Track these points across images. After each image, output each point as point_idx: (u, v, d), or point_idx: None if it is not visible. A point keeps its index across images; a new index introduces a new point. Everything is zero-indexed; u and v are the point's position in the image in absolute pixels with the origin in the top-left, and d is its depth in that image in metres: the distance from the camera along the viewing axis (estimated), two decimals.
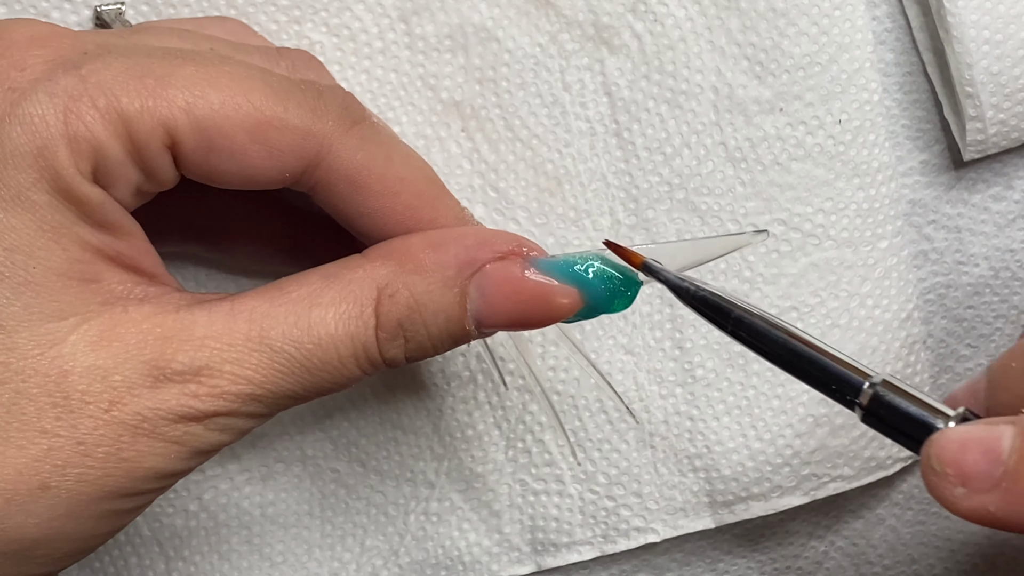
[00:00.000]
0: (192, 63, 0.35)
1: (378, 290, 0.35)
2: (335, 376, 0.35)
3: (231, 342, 0.34)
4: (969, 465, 0.31)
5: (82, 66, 0.34)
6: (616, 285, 0.36)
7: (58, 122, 0.33)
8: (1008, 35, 0.45)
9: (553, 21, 0.46)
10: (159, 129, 0.34)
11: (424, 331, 0.36)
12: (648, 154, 0.46)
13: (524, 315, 0.36)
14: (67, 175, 0.33)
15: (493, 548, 0.48)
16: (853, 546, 0.53)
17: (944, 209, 0.50)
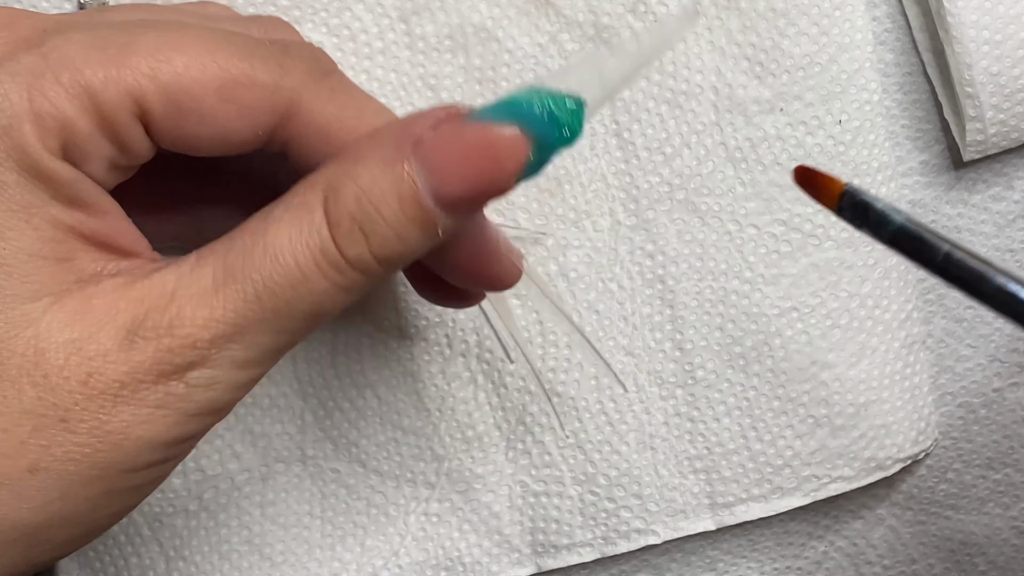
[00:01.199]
0: (154, 29, 0.34)
1: (323, 192, 0.34)
2: (305, 295, 0.34)
3: (199, 288, 0.33)
4: None
5: (43, 43, 0.33)
6: (554, 106, 0.33)
7: (22, 100, 0.32)
8: (1008, 35, 0.45)
9: (553, 21, 0.46)
10: (126, 98, 0.33)
11: (380, 220, 0.33)
12: (648, 154, 0.46)
13: (477, 173, 0.33)
14: (35, 153, 0.33)
15: (493, 549, 0.48)
16: (853, 546, 0.53)
17: (944, 209, 0.50)
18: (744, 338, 0.47)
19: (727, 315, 0.47)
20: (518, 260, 0.40)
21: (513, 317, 0.47)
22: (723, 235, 0.47)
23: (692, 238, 0.47)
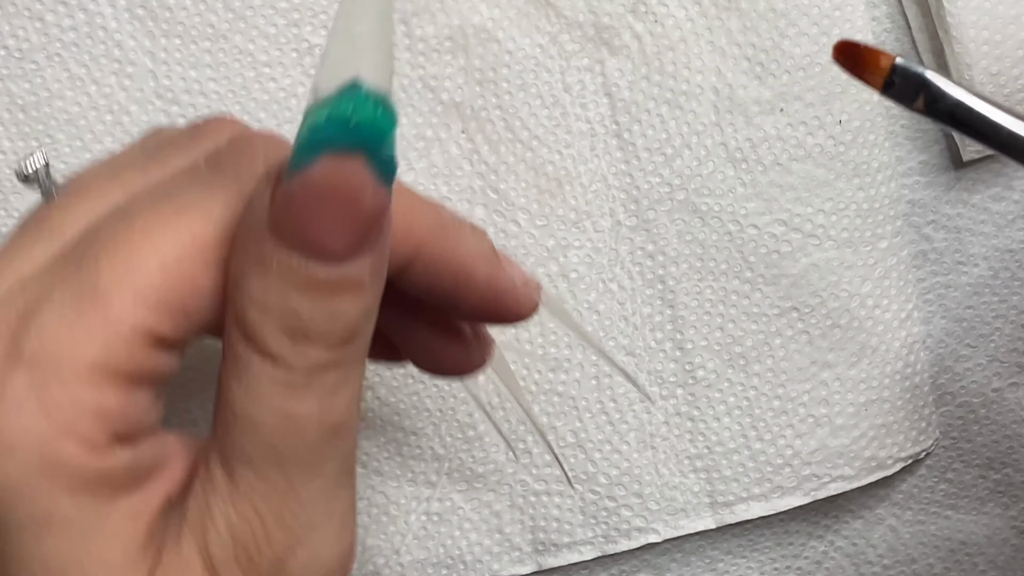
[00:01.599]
0: (112, 251, 0.31)
1: (244, 348, 0.31)
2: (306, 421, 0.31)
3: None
4: None
5: (21, 353, 0.31)
6: (345, 110, 0.29)
7: (42, 426, 0.30)
8: (1007, 36, 0.45)
9: (553, 22, 0.46)
10: (134, 344, 0.31)
11: (302, 318, 0.30)
12: (649, 155, 0.46)
13: (341, 216, 0.29)
14: (85, 467, 0.30)
15: (494, 548, 0.48)
16: (853, 546, 0.53)
17: (944, 209, 0.50)
18: (744, 338, 0.47)
19: (727, 315, 0.47)
20: (535, 291, 0.39)
21: (516, 379, 0.46)
22: (723, 235, 0.47)
23: (693, 238, 0.47)
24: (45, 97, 0.45)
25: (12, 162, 0.45)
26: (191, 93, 0.45)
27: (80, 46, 0.45)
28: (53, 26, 0.45)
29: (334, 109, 0.28)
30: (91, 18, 0.45)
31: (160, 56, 0.45)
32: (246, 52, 0.45)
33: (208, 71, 0.45)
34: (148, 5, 0.45)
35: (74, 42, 0.45)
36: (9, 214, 0.46)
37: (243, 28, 0.45)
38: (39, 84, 0.45)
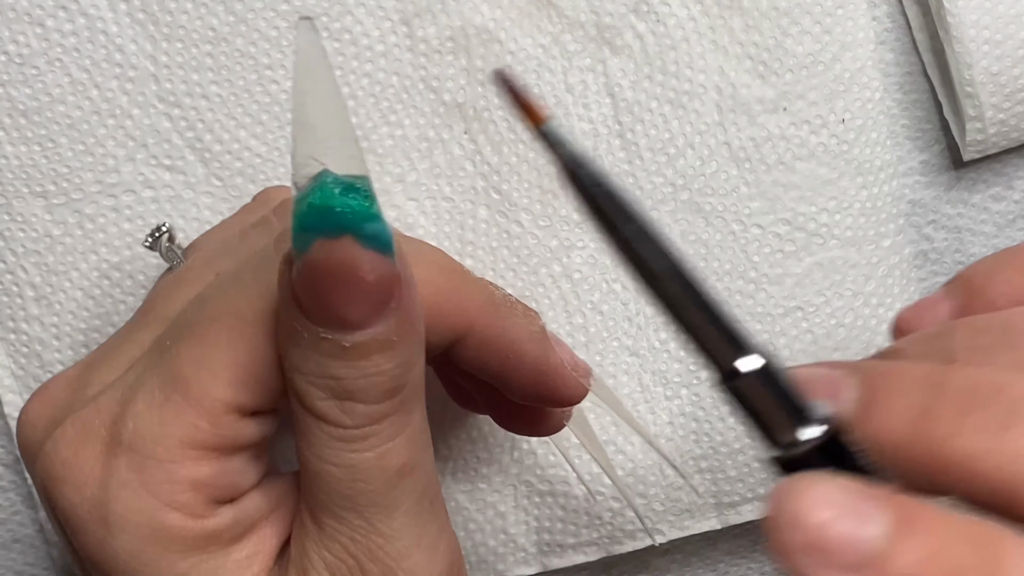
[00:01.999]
0: (188, 337, 0.34)
1: (299, 407, 0.34)
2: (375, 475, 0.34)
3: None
4: (825, 543, 0.27)
5: (121, 439, 0.34)
6: (324, 202, 0.31)
7: (148, 503, 0.34)
8: (1008, 35, 0.45)
9: (555, 22, 0.46)
10: (221, 418, 0.34)
11: (340, 381, 0.33)
12: (652, 155, 0.46)
13: (347, 295, 0.31)
14: (190, 532, 0.34)
15: (499, 548, 0.48)
16: None
17: (944, 209, 0.50)
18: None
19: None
20: (584, 376, 0.40)
21: (597, 439, 0.47)
22: (727, 235, 0.47)
23: (696, 238, 0.47)
24: (46, 102, 0.45)
25: (16, 168, 0.45)
26: (193, 96, 0.45)
27: (81, 51, 0.45)
28: (54, 31, 0.45)
29: (312, 200, 0.31)
30: (92, 23, 0.45)
31: (161, 60, 0.45)
32: (247, 55, 0.45)
33: (210, 74, 0.45)
34: (149, 9, 0.45)
35: (75, 47, 0.45)
36: (12, 218, 0.46)
37: (244, 31, 0.45)
38: (40, 89, 0.45)
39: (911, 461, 0.30)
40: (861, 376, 0.31)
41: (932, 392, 0.30)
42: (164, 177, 0.46)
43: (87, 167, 0.46)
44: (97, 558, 0.35)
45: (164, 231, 0.43)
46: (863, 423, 0.31)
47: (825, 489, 0.27)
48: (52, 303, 0.46)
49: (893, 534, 0.27)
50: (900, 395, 0.31)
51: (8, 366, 0.47)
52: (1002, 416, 0.29)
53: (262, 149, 0.46)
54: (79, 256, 0.46)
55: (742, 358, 0.29)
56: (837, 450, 0.30)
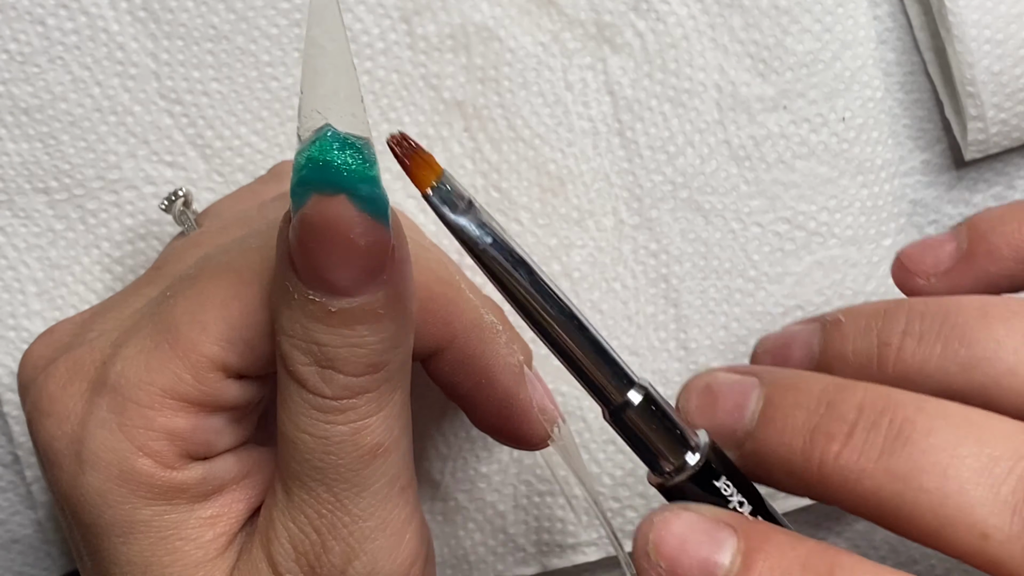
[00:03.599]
0: (186, 292, 0.35)
1: (281, 366, 0.34)
2: (341, 452, 0.34)
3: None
4: (683, 570, 0.31)
5: (107, 379, 0.35)
6: (323, 156, 0.31)
7: (122, 443, 0.34)
8: (1009, 34, 0.45)
9: (555, 20, 0.46)
10: (205, 374, 0.34)
11: (323, 347, 0.33)
12: (651, 153, 0.46)
13: (337, 250, 0.31)
14: (157, 480, 0.34)
15: (498, 548, 0.48)
16: (854, 547, 0.53)
17: (945, 209, 0.50)
18: (749, 337, 0.47)
19: (731, 314, 0.47)
20: (550, 423, 0.40)
21: (581, 460, 0.46)
22: (727, 233, 0.47)
23: (696, 237, 0.47)
24: (48, 100, 0.45)
25: (18, 164, 0.46)
26: (194, 93, 0.46)
27: (82, 49, 0.45)
28: (55, 29, 0.45)
29: (311, 153, 0.31)
30: (93, 21, 0.45)
31: (163, 57, 0.45)
32: (248, 52, 0.45)
33: (211, 71, 0.46)
34: (150, 7, 0.45)
35: (76, 45, 0.45)
36: (15, 214, 0.46)
37: (245, 29, 0.45)
38: (42, 87, 0.45)
39: (800, 476, 0.33)
40: (765, 389, 0.33)
41: (825, 410, 0.32)
42: (165, 173, 0.46)
43: (89, 163, 0.46)
44: (67, 492, 0.35)
45: (181, 195, 0.43)
46: (761, 436, 0.33)
47: (683, 519, 0.31)
48: (54, 298, 0.46)
49: (743, 559, 0.30)
50: (795, 411, 0.33)
51: (8, 365, 0.47)
52: (885, 439, 0.31)
53: (263, 145, 0.46)
54: (81, 251, 0.46)
55: (630, 391, 0.33)
56: (715, 472, 0.33)
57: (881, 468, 0.31)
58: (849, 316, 0.37)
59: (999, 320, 0.34)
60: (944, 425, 0.31)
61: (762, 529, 0.31)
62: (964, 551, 0.31)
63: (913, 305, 0.36)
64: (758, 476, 0.34)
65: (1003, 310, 0.35)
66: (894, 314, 0.36)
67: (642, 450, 0.33)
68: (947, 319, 0.35)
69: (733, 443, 0.34)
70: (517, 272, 0.31)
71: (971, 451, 0.31)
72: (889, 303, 0.36)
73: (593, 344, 0.32)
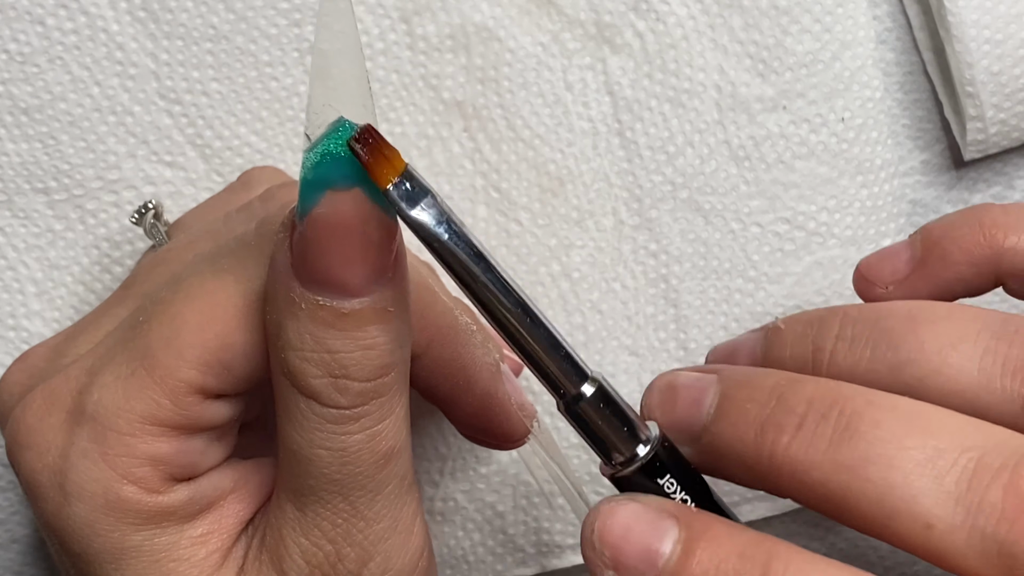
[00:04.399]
0: (160, 315, 0.35)
1: (283, 377, 0.34)
2: (360, 459, 0.34)
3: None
4: (626, 558, 0.32)
5: (85, 409, 0.35)
6: (332, 150, 0.31)
7: (105, 473, 0.34)
8: (1008, 35, 0.45)
9: (555, 20, 0.46)
10: (182, 397, 0.34)
11: (336, 355, 0.33)
12: (651, 153, 0.46)
13: (353, 250, 0.31)
14: (143, 506, 0.34)
15: (497, 549, 0.48)
16: (855, 547, 0.53)
17: (945, 209, 0.50)
18: None
19: (731, 314, 0.47)
20: (529, 418, 0.41)
21: (559, 450, 0.47)
22: (727, 234, 0.47)
23: (696, 237, 0.47)
24: (48, 100, 0.45)
25: (17, 164, 0.46)
26: (194, 93, 0.46)
27: (82, 49, 0.45)
28: (55, 29, 0.45)
29: (325, 148, 0.30)
30: (92, 21, 0.45)
31: (162, 57, 0.45)
32: (248, 52, 0.45)
33: (210, 71, 0.46)
34: (149, 7, 0.45)
35: (76, 45, 0.45)
36: (14, 214, 0.46)
37: (244, 29, 0.45)
38: (41, 87, 0.45)
39: (753, 468, 0.33)
40: (722, 385, 0.34)
41: (776, 404, 0.33)
42: (165, 173, 0.46)
43: (88, 163, 0.46)
44: (54, 525, 0.35)
45: (151, 208, 0.43)
46: (716, 429, 0.34)
47: (628, 509, 0.32)
48: (54, 298, 0.46)
49: (684, 548, 0.31)
50: (748, 405, 0.34)
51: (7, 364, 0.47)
52: (834, 431, 0.32)
53: (262, 145, 0.46)
54: (80, 251, 0.46)
55: (583, 384, 0.33)
56: (666, 464, 0.34)
57: (829, 459, 0.31)
58: (788, 323, 0.38)
59: (924, 323, 0.35)
60: (892, 417, 0.32)
61: (704, 519, 0.32)
62: (909, 542, 0.31)
63: (847, 312, 0.37)
64: (715, 470, 0.35)
65: (929, 314, 0.36)
66: (828, 320, 0.37)
67: (594, 441, 0.34)
68: (877, 324, 0.36)
69: (692, 437, 0.35)
70: (475, 267, 0.32)
71: (917, 443, 0.31)
72: (826, 310, 0.38)
73: (548, 338, 0.33)
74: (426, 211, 0.31)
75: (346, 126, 0.31)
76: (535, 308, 0.33)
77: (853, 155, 0.46)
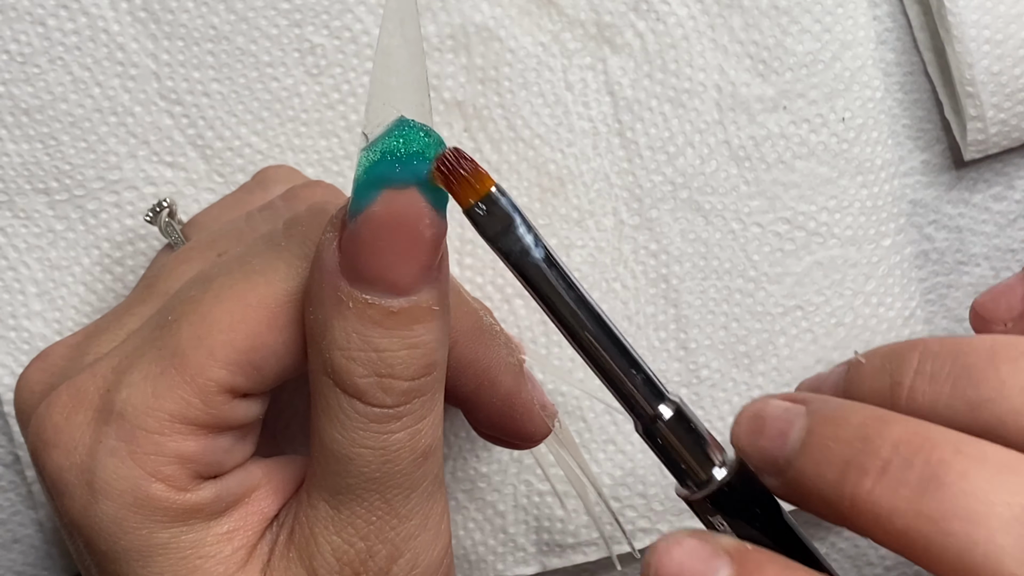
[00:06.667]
0: (190, 314, 0.35)
1: (328, 377, 0.34)
2: (399, 458, 0.35)
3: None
4: None
5: (112, 407, 0.35)
6: (398, 146, 0.31)
7: (133, 471, 0.34)
8: (1009, 35, 0.45)
9: (555, 20, 0.46)
10: (211, 396, 0.34)
11: (383, 354, 0.33)
12: (651, 153, 0.46)
13: (407, 250, 0.32)
14: (172, 504, 0.35)
15: (498, 548, 0.48)
16: (855, 547, 0.53)
17: (945, 209, 0.50)
18: (748, 337, 0.47)
19: (731, 314, 0.47)
20: (551, 417, 0.41)
21: (579, 450, 0.47)
22: (727, 234, 0.47)
23: (696, 237, 0.47)
24: (49, 100, 0.45)
25: (18, 165, 0.46)
26: (194, 94, 0.46)
27: (83, 49, 0.45)
28: (55, 30, 0.45)
29: (386, 146, 0.31)
30: (93, 21, 0.45)
31: (163, 58, 0.45)
32: (248, 53, 0.46)
33: (211, 72, 0.46)
34: (150, 8, 0.45)
35: (76, 45, 0.45)
36: (15, 215, 0.46)
37: (245, 29, 0.45)
38: (42, 88, 0.45)
39: (834, 507, 0.33)
40: (809, 419, 0.34)
41: (862, 444, 0.32)
42: (166, 174, 0.46)
43: (89, 164, 0.46)
44: (80, 522, 0.35)
45: (165, 206, 0.43)
46: (800, 465, 0.33)
47: (684, 546, 0.32)
48: (54, 298, 0.47)
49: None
50: (833, 444, 0.33)
51: (8, 365, 0.47)
52: (919, 479, 0.31)
53: (263, 146, 0.46)
54: (81, 251, 0.46)
55: (661, 405, 0.34)
56: (740, 490, 0.34)
57: (912, 508, 0.31)
58: (868, 357, 0.37)
59: (1006, 360, 0.34)
60: (979, 469, 0.31)
61: (757, 558, 0.32)
62: None
63: (927, 345, 0.36)
64: (798, 503, 0.34)
65: (1011, 350, 0.35)
66: (907, 354, 0.36)
67: (671, 463, 0.34)
68: (957, 359, 0.35)
69: (776, 470, 0.34)
70: (560, 289, 0.33)
71: (1004, 499, 0.30)
72: (906, 344, 0.37)
73: (629, 360, 0.33)
74: (511, 233, 0.32)
75: (412, 124, 0.31)
76: (615, 328, 0.33)
77: (853, 155, 0.47)
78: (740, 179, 0.47)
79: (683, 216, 0.47)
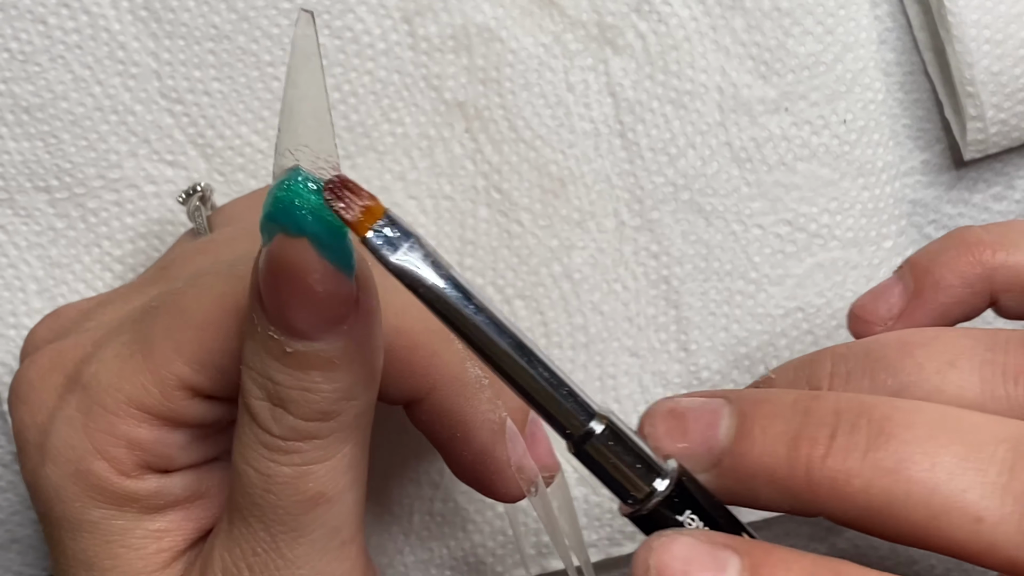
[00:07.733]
0: (169, 307, 0.35)
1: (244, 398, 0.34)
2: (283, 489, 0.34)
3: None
4: None
5: (80, 377, 0.35)
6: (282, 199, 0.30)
7: (83, 442, 0.35)
8: (1009, 35, 0.45)
9: (557, 21, 0.46)
10: (171, 390, 0.34)
11: (276, 383, 0.33)
12: (653, 155, 0.46)
13: (292, 293, 0.31)
14: (111, 484, 0.35)
15: (497, 550, 0.48)
16: (855, 547, 0.53)
17: (945, 209, 0.50)
18: (749, 339, 0.47)
19: (732, 316, 0.47)
20: (528, 481, 0.40)
21: (556, 520, 0.46)
22: (728, 235, 0.47)
23: (697, 239, 0.47)
24: (49, 99, 0.45)
25: (19, 163, 0.46)
26: (195, 93, 0.46)
27: (84, 48, 0.45)
28: (56, 28, 0.45)
29: (278, 193, 0.30)
30: (94, 20, 0.45)
31: (164, 57, 0.45)
32: (249, 52, 0.45)
33: (212, 71, 0.46)
34: (151, 7, 0.45)
35: (77, 44, 0.45)
36: (16, 213, 0.46)
37: (246, 29, 0.45)
38: (43, 86, 0.45)
39: (787, 485, 0.33)
40: (736, 405, 0.33)
41: (802, 417, 0.32)
42: (166, 172, 0.46)
43: (90, 162, 0.46)
44: (29, 481, 0.36)
45: (199, 191, 0.44)
46: (740, 450, 0.33)
47: (683, 542, 0.31)
48: (55, 296, 0.46)
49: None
50: (773, 422, 0.33)
51: (8, 363, 0.47)
52: (868, 438, 0.31)
53: (263, 145, 0.46)
54: (82, 250, 0.46)
55: (591, 422, 0.32)
56: (685, 497, 0.33)
57: (868, 465, 0.31)
58: (779, 372, 0.38)
59: (918, 346, 0.35)
60: (921, 419, 0.31)
61: (761, 546, 0.31)
62: (958, 539, 0.31)
63: (835, 350, 0.37)
64: (738, 494, 0.34)
65: (919, 337, 0.36)
66: (819, 360, 0.37)
67: (608, 481, 0.33)
68: (869, 355, 0.36)
69: (708, 463, 0.33)
70: (464, 309, 0.31)
71: (952, 439, 0.31)
72: (814, 353, 0.37)
73: (549, 376, 0.32)
74: (408, 255, 0.30)
75: (300, 178, 0.30)
76: (532, 346, 0.32)
77: (855, 157, 0.47)
78: (741, 181, 0.47)
79: (684, 218, 0.47)
